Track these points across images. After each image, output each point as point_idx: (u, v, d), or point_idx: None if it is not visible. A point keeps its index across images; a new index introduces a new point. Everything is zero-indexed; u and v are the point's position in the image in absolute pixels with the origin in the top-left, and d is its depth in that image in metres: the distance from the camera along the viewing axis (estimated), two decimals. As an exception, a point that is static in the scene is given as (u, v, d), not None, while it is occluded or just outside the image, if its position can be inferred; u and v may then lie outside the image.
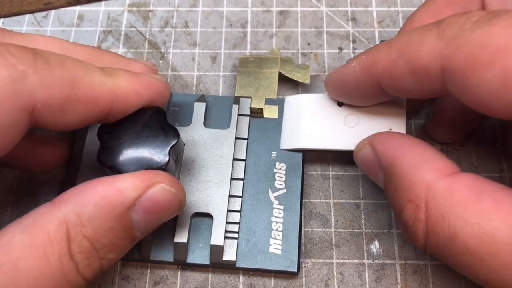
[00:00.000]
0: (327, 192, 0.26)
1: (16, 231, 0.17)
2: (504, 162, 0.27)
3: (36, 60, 0.17)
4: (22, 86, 0.17)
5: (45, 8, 0.31)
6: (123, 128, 0.21)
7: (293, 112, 0.26)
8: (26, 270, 0.17)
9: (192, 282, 0.24)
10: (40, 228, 0.17)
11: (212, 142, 0.25)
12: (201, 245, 0.24)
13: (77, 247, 0.18)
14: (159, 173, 0.20)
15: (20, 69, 0.17)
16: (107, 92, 0.19)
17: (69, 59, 0.19)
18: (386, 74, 0.21)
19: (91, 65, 0.20)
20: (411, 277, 0.24)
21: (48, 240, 0.17)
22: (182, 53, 0.30)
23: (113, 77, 0.20)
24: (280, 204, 0.25)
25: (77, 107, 0.19)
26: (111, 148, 0.21)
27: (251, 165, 0.25)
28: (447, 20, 0.19)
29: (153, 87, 0.22)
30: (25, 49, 0.18)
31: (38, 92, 0.17)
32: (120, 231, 0.19)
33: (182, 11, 0.31)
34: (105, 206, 0.18)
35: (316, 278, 0.24)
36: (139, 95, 0.21)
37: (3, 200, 0.26)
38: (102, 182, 0.19)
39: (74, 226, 0.18)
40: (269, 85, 0.27)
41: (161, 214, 0.20)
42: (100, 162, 0.21)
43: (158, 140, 0.21)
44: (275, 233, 0.24)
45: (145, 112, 0.22)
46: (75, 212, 0.18)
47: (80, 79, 0.19)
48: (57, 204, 0.18)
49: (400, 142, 0.21)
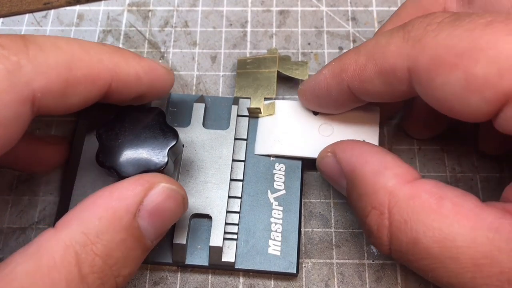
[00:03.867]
0: (327, 192, 0.26)
1: (20, 259, 0.17)
2: (505, 162, 0.26)
3: (28, 48, 0.17)
4: (18, 78, 0.16)
5: (45, 8, 0.31)
6: (122, 128, 0.21)
7: (268, 118, 0.26)
8: None
9: (192, 283, 0.24)
10: (45, 255, 0.17)
11: (211, 143, 0.25)
12: (200, 246, 0.24)
13: (89, 268, 0.17)
14: (156, 175, 0.20)
15: (13, 60, 0.16)
16: (106, 69, 0.19)
17: (62, 39, 0.18)
18: (356, 78, 0.21)
19: (87, 41, 0.19)
20: (411, 277, 0.24)
21: (54, 266, 0.16)
22: (182, 53, 0.30)
23: (111, 54, 0.20)
24: (280, 205, 0.25)
25: (77, 89, 0.18)
26: (110, 148, 0.21)
27: (250, 166, 0.25)
28: (412, 22, 0.19)
29: (154, 70, 0.21)
30: (15, 38, 0.17)
31: (35, 81, 0.17)
32: (131, 241, 0.18)
33: (182, 11, 0.31)
34: (111, 217, 0.18)
35: (316, 278, 0.24)
36: (139, 77, 0.20)
37: (3, 200, 0.26)
38: (101, 195, 0.18)
39: (83, 246, 0.17)
40: (268, 85, 0.27)
41: (167, 214, 0.19)
42: (98, 162, 0.21)
43: (157, 141, 0.21)
44: (274, 234, 0.24)
45: (144, 112, 0.22)
46: (81, 232, 0.17)
47: (76, 59, 0.18)
48: (60, 228, 0.17)
49: (362, 150, 0.21)
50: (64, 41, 0.18)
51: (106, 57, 0.19)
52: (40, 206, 0.26)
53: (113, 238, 0.17)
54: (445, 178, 0.26)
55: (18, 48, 0.17)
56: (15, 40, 0.17)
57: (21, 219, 0.26)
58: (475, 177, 0.26)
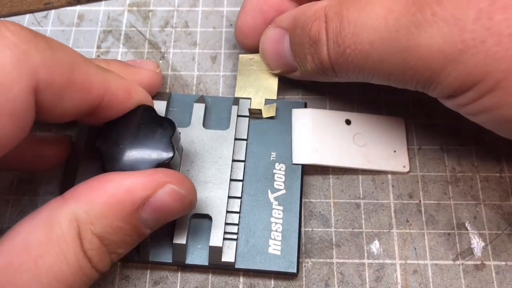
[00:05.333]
0: (327, 192, 0.26)
1: (31, 229, 0.17)
2: (504, 162, 0.27)
3: (38, 39, 0.17)
4: (26, 66, 0.17)
5: (45, 8, 0.31)
6: (119, 134, 0.21)
7: (303, 127, 0.26)
8: (45, 268, 0.17)
9: (192, 282, 0.24)
10: (54, 225, 0.17)
11: (211, 143, 0.25)
12: (200, 246, 0.24)
13: (88, 244, 0.18)
14: (169, 172, 0.20)
15: (23, 48, 0.17)
16: (101, 82, 0.20)
17: (67, 46, 0.19)
18: None
19: (86, 57, 0.20)
20: (411, 277, 0.24)
21: (62, 236, 0.17)
22: (182, 53, 0.30)
23: (105, 72, 0.20)
24: (280, 205, 0.25)
25: (73, 93, 0.19)
26: (114, 156, 0.21)
27: (251, 166, 0.25)
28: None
29: (144, 83, 0.23)
30: (25, 28, 0.17)
31: (40, 72, 0.17)
32: (129, 229, 0.19)
33: (182, 11, 0.31)
34: (115, 205, 0.18)
35: (316, 278, 0.24)
36: (128, 93, 0.21)
37: (3, 200, 0.26)
38: (112, 179, 0.19)
39: (84, 224, 0.18)
40: (269, 86, 0.27)
41: (170, 213, 0.20)
42: (109, 170, 0.20)
43: (157, 134, 0.21)
44: (274, 234, 0.24)
45: (134, 112, 0.22)
46: (84, 210, 0.18)
47: (78, 65, 0.19)
48: (68, 199, 0.18)
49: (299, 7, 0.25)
50: (69, 48, 0.19)
51: (101, 73, 0.20)
52: (40, 206, 0.26)
53: (112, 223, 0.18)
54: (445, 178, 0.26)
55: (28, 38, 0.17)
56: (25, 29, 0.17)
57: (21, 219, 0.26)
58: (475, 177, 0.26)
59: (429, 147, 0.27)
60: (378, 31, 0.20)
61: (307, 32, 0.23)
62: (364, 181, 0.26)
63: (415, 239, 0.25)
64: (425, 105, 0.28)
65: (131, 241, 0.20)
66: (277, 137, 0.26)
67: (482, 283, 0.24)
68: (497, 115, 0.20)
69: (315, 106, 0.28)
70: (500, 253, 0.25)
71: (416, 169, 0.26)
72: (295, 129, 0.26)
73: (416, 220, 0.25)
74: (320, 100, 0.28)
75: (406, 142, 0.27)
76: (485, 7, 0.18)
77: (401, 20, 0.20)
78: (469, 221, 0.25)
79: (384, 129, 0.27)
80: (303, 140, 0.26)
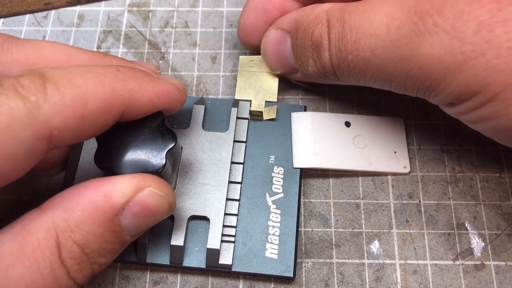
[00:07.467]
0: (327, 192, 0.26)
1: (5, 238, 0.17)
2: (504, 162, 0.26)
3: (45, 87, 0.17)
4: (37, 116, 0.17)
5: (45, 8, 0.31)
6: (121, 130, 0.21)
7: (302, 131, 0.26)
8: (16, 278, 0.17)
9: (192, 283, 0.24)
10: (29, 235, 0.17)
11: (210, 145, 0.25)
12: (198, 248, 0.24)
13: (67, 253, 0.18)
14: (148, 176, 0.20)
15: (32, 100, 0.17)
16: (120, 99, 0.19)
17: (77, 73, 0.19)
18: None
19: (102, 69, 0.19)
20: (411, 277, 0.24)
21: (38, 246, 0.17)
22: (182, 53, 0.30)
23: (126, 81, 0.20)
24: (277, 209, 0.25)
25: (93, 121, 0.19)
26: (109, 149, 0.21)
27: (249, 169, 0.25)
28: None
29: (168, 95, 0.21)
30: (34, 77, 0.17)
31: (53, 119, 0.17)
32: (109, 236, 0.19)
33: (182, 11, 0.31)
34: (93, 211, 0.18)
35: (316, 278, 0.24)
36: (153, 104, 0.21)
37: (3, 200, 0.26)
38: (90, 186, 0.19)
39: (63, 232, 0.18)
40: (270, 88, 0.27)
41: (151, 217, 0.20)
42: (97, 163, 0.21)
43: (156, 143, 0.21)
44: (271, 237, 0.24)
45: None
46: (63, 218, 0.18)
47: (91, 92, 0.18)
48: (45, 209, 0.18)
49: (299, 10, 0.25)
50: (79, 75, 0.18)
51: (120, 85, 0.19)
52: (41, 206, 0.26)
53: (92, 230, 0.18)
54: (445, 178, 0.26)
55: (37, 88, 0.17)
56: (34, 80, 0.17)
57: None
58: (475, 177, 0.26)
59: (429, 147, 0.27)
60: (379, 39, 0.20)
61: (309, 36, 0.23)
62: (364, 181, 0.26)
63: (415, 239, 0.25)
64: (424, 106, 0.28)
65: (113, 249, 0.19)
66: (276, 140, 0.26)
67: (482, 283, 0.24)
68: (495, 124, 0.20)
69: (314, 106, 0.28)
70: (500, 253, 0.25)
71: (416, 169, 0.26)
72: (295, 133, 0.26)
73: (416, 220, 0.25)
74: (319, 100, 0.28)
75: (406, 143, 0.27)
76: (485, 19, 0.18)
77: (402, 28, 0.20)
78: (469, 221, 0.25)
79: (384, 130, 0.27)
80: (304, 144, 0.26)
